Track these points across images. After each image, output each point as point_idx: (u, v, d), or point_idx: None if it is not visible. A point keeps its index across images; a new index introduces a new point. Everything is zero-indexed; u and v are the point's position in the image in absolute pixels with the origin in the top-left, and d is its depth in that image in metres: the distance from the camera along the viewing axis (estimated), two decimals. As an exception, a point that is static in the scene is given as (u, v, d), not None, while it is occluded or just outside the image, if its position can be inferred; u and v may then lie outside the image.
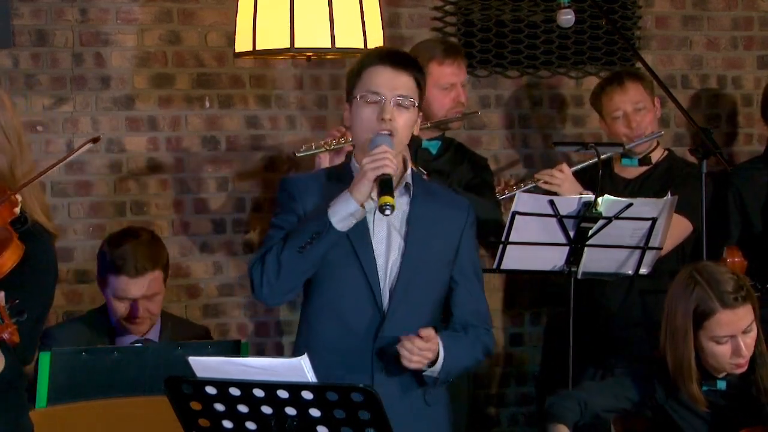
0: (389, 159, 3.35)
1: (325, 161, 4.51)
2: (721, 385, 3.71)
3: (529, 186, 4.84)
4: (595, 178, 4.54)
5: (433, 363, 3.44)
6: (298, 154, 4.61)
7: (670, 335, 3.70)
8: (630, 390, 3.78)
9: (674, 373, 3.68)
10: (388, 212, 3.30)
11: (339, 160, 4.50)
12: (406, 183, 3.53)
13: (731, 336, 3.64)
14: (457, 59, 4.88)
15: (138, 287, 4.30)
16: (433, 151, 4.89)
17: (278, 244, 3.42)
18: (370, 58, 3.52)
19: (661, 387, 3.74)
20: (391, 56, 3.52)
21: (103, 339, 4.34)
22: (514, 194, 4.83)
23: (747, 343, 3.66)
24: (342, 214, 3.37)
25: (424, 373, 3.46)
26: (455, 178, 4.80)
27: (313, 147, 4.55)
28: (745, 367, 3.69)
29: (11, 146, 3.20)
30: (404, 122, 3.46)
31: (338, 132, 4.55)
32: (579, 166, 4.82)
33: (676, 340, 3.68)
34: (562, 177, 4.78)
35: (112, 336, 4.37)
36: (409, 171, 3.55)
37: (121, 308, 4.32)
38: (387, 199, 3.31)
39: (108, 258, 4.35)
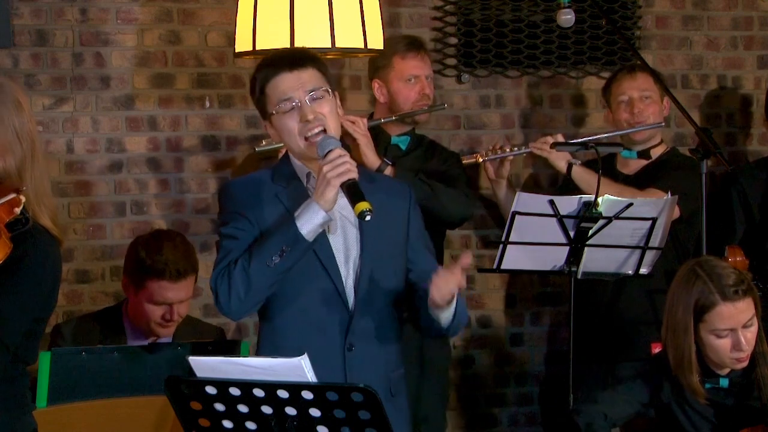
0: (350, 162, 3.30)
1: None
2: (724, 382, 3.72)
3: (521, 151, 4.92)
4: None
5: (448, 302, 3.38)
6: (258, 149, 4.61)
7: (671, 329, 3.72)
8: (640, 392, 3.78)
9: (675, 366, 3.69)
10: (368, 218, 3.24)
11: None
12: None
13: (731, 329, 3.65)
14: (420, 52, 4.90)
15: (177, 292, 4.27)
16: (403, 147, 4.91)
17: (244, 257, 3.34)
18: (265, 72, 3.46)
19: (667, 384, 3.74)
20: (283, 60, 3.47)
21: (114, 339, 4.33)
22: (505, 155, 4.87)
23: (747, 338, 3.66)
24: (311, 225, 3.30)
25: (442, 314, 3.38)
26: (425, 174, 4.80)
27: (274, 142, 4.55)
28: (746, 362, 3.70)
29: (22, 149, 3.19)
30: (328, 111, 3.41)
31: None
32: (572, 141, 4.86)
33: (677, 333, 3.69)
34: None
35: (123, 337, 4.35)
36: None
37: (156, 312, 4.29)
38: (364, 205, 3.24)
39: (147, 263, 4.28)
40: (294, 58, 3.48)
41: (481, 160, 4.93)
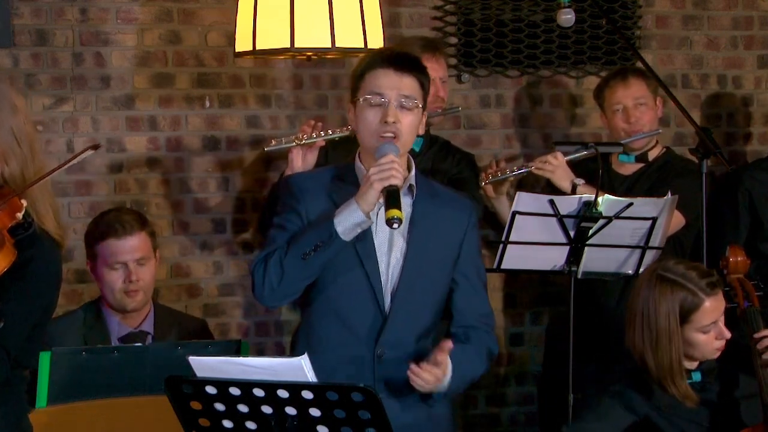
0: (396, 169, 3.32)
1: (297, 156, 4.52)
2: (696, 376, 3.73)
3: (522, 170, 4.87)
4: (594, 175, 4.55)
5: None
6: (267, 149, 4.62)
7: (652, 339, 3.67)
8: (619, 410, 3.73)
9: (660, 375, 3.66)
10: (396, 226, 3.27)
11: (311, 155, 4.52)
12: (410, 184, 3.51)
13: (714, 322, 3.68)
14: (436, 55, 4.89)
15: (127, 248, 4.30)
16: (417, 149, 4.90)
17: (282, 248, 3.39)
18: (373, 60, 3.50)
19: (636, 395, 3.71)
20: (394, 58, 3.50)
21: (97, 328, 4.33)
22: (506, 177, 4.86)
23: (724, 324, 3.73)
24: (348, 224, 3.34)
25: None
26: (438, 175, 4.80)
27: (284, 142, 4.57)
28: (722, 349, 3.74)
29: (22, 151, 3.19)
30: (408, 124, 3.44)
31: (309, 127, 4.56)
32: (572, 156, 4.83)
33: (660, 341, 3.66)
34: (556, 163, 4.81)
35: (105, 325, 4.35)
36: (413, 172, 3.53)
37: (116, 279, 4.31)
38: (395, 212, 3.27)
39: (92, 232, 4.37)
40: (404, 61, 3.50)
41: (482, 183, 4.90)
